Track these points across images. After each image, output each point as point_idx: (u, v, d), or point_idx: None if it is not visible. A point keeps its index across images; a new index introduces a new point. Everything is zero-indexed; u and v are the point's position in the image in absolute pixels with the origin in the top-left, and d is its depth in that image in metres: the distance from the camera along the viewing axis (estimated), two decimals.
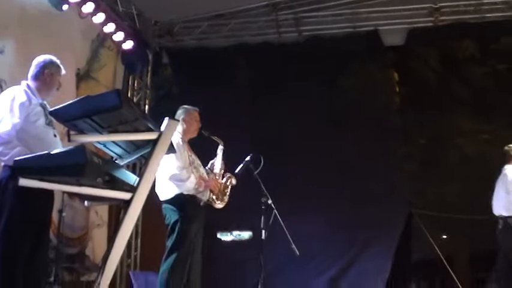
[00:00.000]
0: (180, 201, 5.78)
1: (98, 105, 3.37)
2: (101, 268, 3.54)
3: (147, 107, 9.91)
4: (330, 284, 8.68)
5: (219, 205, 5.98)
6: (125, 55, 9.21)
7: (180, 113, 6.09)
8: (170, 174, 5.70)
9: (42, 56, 4.59)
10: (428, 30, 8.87)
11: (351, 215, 8.53)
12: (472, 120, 8.72)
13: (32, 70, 4.52)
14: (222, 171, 6.09)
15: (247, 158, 6.07)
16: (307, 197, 8.58)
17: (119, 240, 3.55)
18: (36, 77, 4.46)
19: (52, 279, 6.96)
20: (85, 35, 8.58)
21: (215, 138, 6.13)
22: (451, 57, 8.88)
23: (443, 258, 8.18)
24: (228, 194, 6.04)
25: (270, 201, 5.88)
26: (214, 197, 5.92)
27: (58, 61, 4.60)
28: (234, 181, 6.07)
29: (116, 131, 3.55)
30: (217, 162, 6.11)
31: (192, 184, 5.71)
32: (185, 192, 5.78)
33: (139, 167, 7.13)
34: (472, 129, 8.73)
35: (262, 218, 5.96)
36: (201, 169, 6.03)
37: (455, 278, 8.10)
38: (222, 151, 6.14)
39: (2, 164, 4.17)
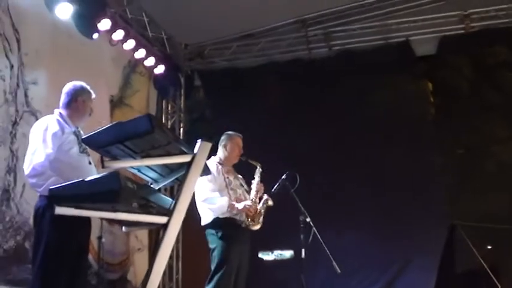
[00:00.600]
0: (218, 224, 5.85)
1: (129, 131, 3.39)
2: None
3: (181, 130, 9.96)
4: None
5: (254, 227, 5.98)
6: (157, 80, 9.28)
7: (222, 139, 6.26)
8: (203, 197, 5.76)
9: (72, 82, 4.61)
10: (460, 37, 8.76)
11: (389, 229, 8.42)
12: (508, 127, 8.56)
13: (64, 98, 4.55)
14: (260, 193, 6.08)
15: (283, 176, 6.05)
16: (345, 212, 8.49)
17: (157, 264, 3.56)
18: (68, 105, 4.49)
19: None
20: (116, 62, 8.68)
21: (253, 162, 6.18)
22: (483, 63, 8.74)
23: (488, 270, 8.02)
24: (262, 216, 6.01)
25: (308, 219, 5.84)
26: (249, 220, 5.91)
27: (88, 86, 4.63)
28: (270, 202, 6.07)
29: (148, 156, 3.57)
30: (254, 185, 6.13)
31: (224, 208, 5.76)
32: (221, 216, 5.81)
33: (176, 190, 7.15)
34: (508, 136, 8.57)
35: (302, 236, 5.91)
36: (239, 191, 6.04)
37: None
38: (259, 174, 6.16)
39: (38, 194, 4.20)
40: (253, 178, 6.18)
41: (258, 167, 6.16)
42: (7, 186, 6.38)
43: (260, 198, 6.09)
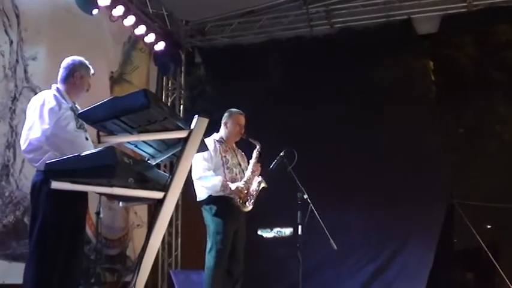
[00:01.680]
0: (212, 201, 5.90)
1: (125, 106, 3.39)
2: (136, 268, 3.56)
3: (181, 107, 9.96)
4: (372, 277, 8.60)
5: (246, 209, 5.98)
6: (157, 56, 9.25)
7: (224, 116, 6.24)
8: (198, 176, 5.79)
9: (71, 57, 4.58)
10: (462, 16, 8.69)
11: (390, 208, 8.43)
12: (510, 106, 8.52)
13: (61, 72, 4.52)
14: (256, 174, 6.07)
15: (281, 153, 6.04)
16: (345, 190, 8.50)
17: (153, 239, 3.58)
18: (66, 80, 4.47)
19: (92, 280, 7.06)
20: (116, 38, 8.64)
21: (252, 140, 6.16)
22: (487, 42, 8.68)
23: (486, 249, 8.05)
24: (254, 198, 5.99)
25: (305, 196, 5.83)
26: (240, 201, 5.92)
27: (87, 62, 4.60)
28: (263, 185, 6.05)
29: (145, 131, 3.56)
30: (250, 165, 6.11)
31: (217, 187, 5.80)
32: (214, 194, 5.84)
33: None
34: (511, 115, 8.54)
35: (299, 213, 5.92)
36: (236, 170, 6.05)
37: (499, 268, 7.96)
38: (257, 153, 6.14)
39: (35, 169, 4.21)
40: (251, 157, 6.15)
41: (258, 147, 6.13)
42: (6, 161, 6.41)
43: (254, 180, 6.06)
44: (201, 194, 5.93)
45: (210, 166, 5.86)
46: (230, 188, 5.85)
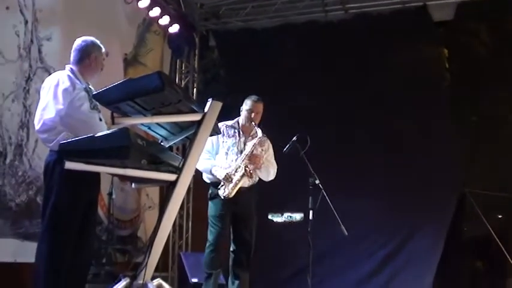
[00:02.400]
0: (211, 185, 6.06)
1: (140, 88, 3.40)
2: (147, 249, 3.59)
3: (195, 90, 9.96)
4: (382, 264, 8.62)
5: (223, 194, 5.91)
6: (171, 39, 9.24)
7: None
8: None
9: (83, 37, 4.57)
10: (478, 3, 8.59)
11: (401, 195, 8.42)
12: None
13: (74, 53, 4.51)
14: (255, 164, 5.96)
15: (294, 138, 6.03)
16: (356, 177, 8.50)
17: (165, 221, 3.60)
18: (80, 60, 4.46)
19: (104, 260, 7.12)
20: (131, 20, 8.65)
21: (256, 128, 6.11)
22: (502, 30, 8.60)
23: (496, 238, 8.03)
24: (236, 187, 5.88)
25: (317, 181, 5.82)
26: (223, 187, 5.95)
27: (98, 41, 4.59)
28: (247, 180, 5.97)
29: (159, 113, 3.57)
30: (242, 155, 5.98)
31: (207, 171, 5.98)
32: (208, 181, 6.02)
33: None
34: None
35: (310, 198, 5.92)
36: (233, 157, 6.04)
37: (509, 258, 7.95)
38: (257, 141, 6.02)
39: (48, 149, 4.22)
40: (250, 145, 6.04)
41: (259, 134, 6.02)
42: (20, 141, 6.45)
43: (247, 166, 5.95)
44: (204, 177, 6.09)
45: (210, 149, 5.96)
46: (219, 175, 5.89)
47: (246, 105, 6.16)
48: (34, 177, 6.47)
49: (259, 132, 6.02)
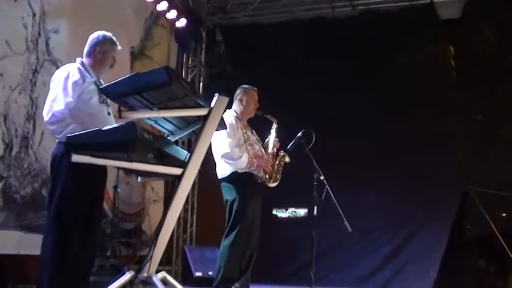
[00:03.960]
0: (236, 178, 5.85)
1: (147, 82, 3.42)
2: (152, 242, 3.61)
3: (201, 84, 9.97)
4: (385, 260, 8.64)
5: (272, 184, 5.98)
6: (178, 33, 9.26)
7: (238, 93, 6.13)
8: (223, 152, 5.76)
9: (97, 32, 4.56)
10: (485, 2, 8.60)
11: (406, 192, 8.45)
12: None
13: (87, 47, 4.54)
14: (275, 149, 6.08)
15: (299, 134, 6.03)
16: (361, 173, 8.52)
17: (170, 215, 3.63)
18: (89, 54, 4.48)
19: (108, 253, 7.14)
20: (138, 13, 8.67)
21: (269, 116, 6.11)
22: (509, 28, 8.59)
23: (499, 236, 8.04)
24: (280, 172, 6.04)
25: (322, 177, 5.83)
26: (267, 176, 5.94)
27: (113, 37, 4.57)
28: (287, 159, 6.06)
29: (165, 107, 3.59)
30: (271, 141, 6.09)
31: (243, 163, 5.76)
32: (239, 171, 5.84)
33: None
34: None
35: (315, 193, 5.92)
36: (257, 146, 6.05)
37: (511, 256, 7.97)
38: (275, 129, 6.12)
39: (56, 140, 4.24)
40: (269, 133, 6.12)
41: (274, 123, 6.12)
42: (26, 133, 6.46)
43: (276, 155, 6.09)
44: (224, 171, 5.88)
45: (234, 143, 5.81)
46: (256, 164, 5.84)
47: (250, 95, 6.09)
48: (39, 170, 6.49)
49: (274, 121, 6.12)
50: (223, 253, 5.78)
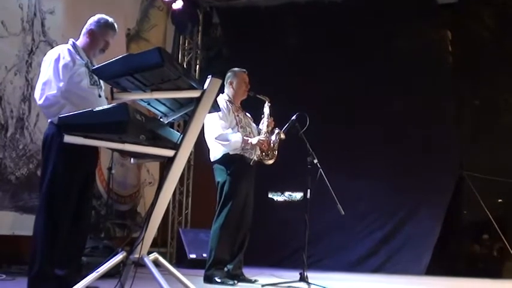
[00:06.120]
0: (228, 160, 5.90)
1: (139, 63, 3.41)
2: (144, 224, 3.62)
3: (197, 67, 9.95)
4: (379, 245, 8.68)
5: (269, 161, 6.07)
6: (174, 15, 9.21)
7: (228, 76, 6.18)
8: (216, 134, 5.79)
9: (98, 15, 4.55)
10: None
11: (400, 177, 8.48)
12: None
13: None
14: (270, 127, 6.12)
15: (293, 117, 6.04)
16: (356, 158, 8.56)
17: (162, 196, 3.64)
18: (83, 35, 4.48)
19: (102, 234, 7.17)
20: None
21: (261, 96, 6.17)
22: (506, 14, 8.59)
23: (494, 222, 8.07)
24: (276, 150, 6.08)
25: (315, 161, 5.84)
26: (263, 154, 5.97)
27: (110, 21, 4.51)
28: (282, 136, 6.10)
29: (158, 89, 3.59)
30: (265, 120, 6.15)
31: (238, 143, 5.79)
32: (231, 152, 5.87)
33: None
34: None
35: (309, 177, 5.93)
36: (249, 129, 6.07)
37: (506, 242, 8.01)
38: (268, 108, 6.17)
39: (48, 121, 4.24)
40: (263, 113, 6.18)
41: (267, 102, 6.15)
42: (21, 114, 6.45)
43: (272, 133, 6.12)
44: (217, 153, 5.93)
45: (227, 125, 5.87)
46: (251, 143, 5.90)
47: (241, 78, 6.14)
48: (35, 151, 6.49)
49: (267, 100, 6.20)
50: (214, 235, 5.84)
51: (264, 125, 6.11)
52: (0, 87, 6.20)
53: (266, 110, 6.17)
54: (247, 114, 6.23)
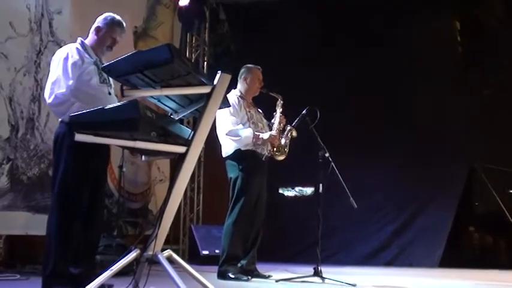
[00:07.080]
0: (240, 156, 5.89)
1: (149, 60, 3.40)
2: (157, 221, 3.61)
3: (205, 64, 9.94)
4: (392, 238, 8.67)
5: (280, 157, 6.05)
6: (181, 12, 9.21)
7: (242, 72, 6.18)
8: (227, 130, 5.78)
9: (107, 13, 4.53)
10: None
11: (412, 169, 8.46)
12: None
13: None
14: (282, 124, 6.10)
15: (304, 111, 6.03)
16: (368, 150, 8.52)
17: (174, 193, 3.62)
18: (90, 34, 4.48)
19: (115, 233, 7.17)
20: None
21: (274, 94, 6.15)
22: None
23: (506, 212, 8.03)
24: (287, 146, 6.07)
25: (327, 155, 5.83)
26: (274, 150, 5.96)
27: (118, 19, 4.50)
28: (294, 133, 6.09)
29: (168, 86, 3.57)
30: (277, 117, 6.12)
31: (249, 139, 5.78)
32: (243, 148, 5.86)
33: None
34: None
35: (321, 172, 5.92)
36: (260, 124, 6.06)
37: None
38: (281, 106, 6.15)
39: (59, 120, 4.24)
40: (275, 110, 6.15)
41: (279, 99, 6.14)
42: (31, 115, 6.46)
43: (283, 130, 6.10)
44: (229, 149, 5.93)
45: (238, 121, 5.86)
46: (263, 138, 5.88)
47: (255, 74, 6.13)
48: (46, 151, 6.50)
49: (279, 97, 6.17)
50: (227, 231, 5.84)
51: (276, 121, 6.09)
52: (10, 88, 6.20)
53: (278, 107, 6.15)
54: (259, 110, 6.22)
